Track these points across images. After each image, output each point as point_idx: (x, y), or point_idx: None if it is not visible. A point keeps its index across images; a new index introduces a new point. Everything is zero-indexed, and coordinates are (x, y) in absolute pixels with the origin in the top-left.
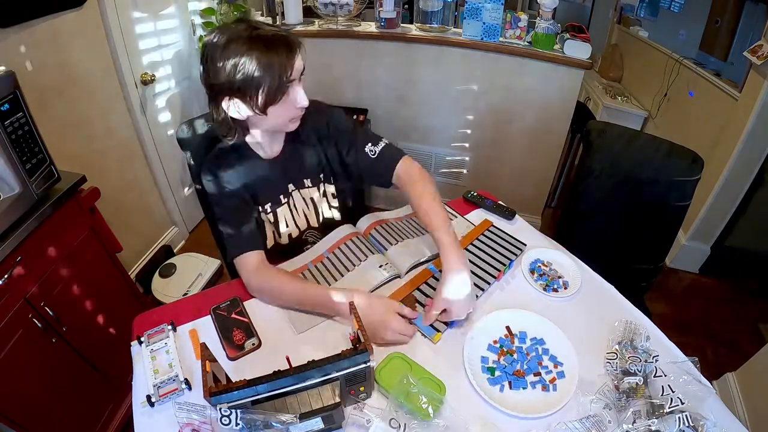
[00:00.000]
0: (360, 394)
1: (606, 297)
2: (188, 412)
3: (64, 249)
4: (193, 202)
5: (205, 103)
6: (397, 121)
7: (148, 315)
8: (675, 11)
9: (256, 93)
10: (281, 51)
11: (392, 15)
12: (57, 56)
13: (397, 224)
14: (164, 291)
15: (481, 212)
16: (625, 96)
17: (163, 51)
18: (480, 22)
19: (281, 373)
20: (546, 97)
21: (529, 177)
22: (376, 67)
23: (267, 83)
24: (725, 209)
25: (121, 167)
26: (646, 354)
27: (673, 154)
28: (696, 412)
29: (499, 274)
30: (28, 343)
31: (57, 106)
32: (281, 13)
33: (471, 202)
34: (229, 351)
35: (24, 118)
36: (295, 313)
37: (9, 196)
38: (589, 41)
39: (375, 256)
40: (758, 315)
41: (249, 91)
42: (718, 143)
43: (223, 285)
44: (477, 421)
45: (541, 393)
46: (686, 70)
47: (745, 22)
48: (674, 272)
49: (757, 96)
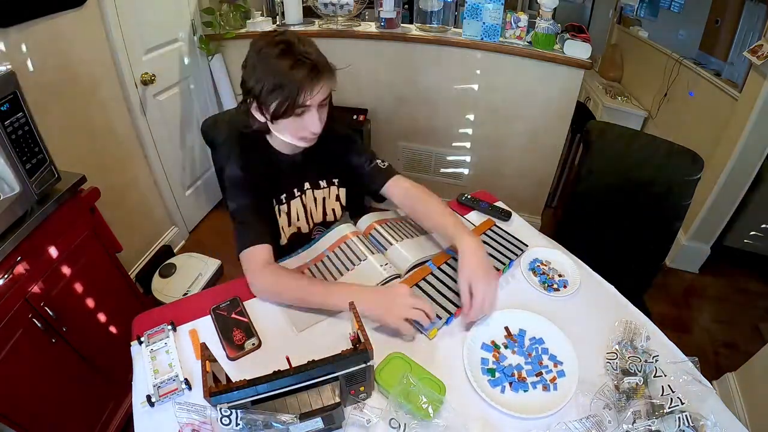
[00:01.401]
0: (360, 394)
1: (606, 297)
2: (188, 412)
3: (64, 249)
4: (193, 202)
5: (204, 103)
6: (397, 121)
7: (148, 315)
8: (675, 11)
9: (269, 104)
10: (303, 73)
11: (392, 15)
12: (57, 56)
13: (397, 224)
14: (164, 291)
15: (477, 214)
16: (625, 96)
17: (163, 51)
18: (480, 22)
19: (281, 373)
20: (546, 97)
21: (529, 177)
22: (376, 67)
23: (278, 99)
24: (725, 209)
25: (121, 167)
26: (646, 354)
27: (673, 154)
28: (696, 412)
29: (499, 273)
30: (28, 343)
31: (57, 106)
32: (281, 13)
33: (465, 206)
34: (229, 351)
35: (24, 118)
36: (295, 311)
37: (9, 196)
38: (589, 41)
39: (375, 256)
40: (758, 315)
41: (263, 100)
42: (718, 143)
43: (223, 285)
44: (477, 422)
45: (542, 393)
46: (686, 70)
47: (745, 22)
48: (674, 272)
49: (757, 96)
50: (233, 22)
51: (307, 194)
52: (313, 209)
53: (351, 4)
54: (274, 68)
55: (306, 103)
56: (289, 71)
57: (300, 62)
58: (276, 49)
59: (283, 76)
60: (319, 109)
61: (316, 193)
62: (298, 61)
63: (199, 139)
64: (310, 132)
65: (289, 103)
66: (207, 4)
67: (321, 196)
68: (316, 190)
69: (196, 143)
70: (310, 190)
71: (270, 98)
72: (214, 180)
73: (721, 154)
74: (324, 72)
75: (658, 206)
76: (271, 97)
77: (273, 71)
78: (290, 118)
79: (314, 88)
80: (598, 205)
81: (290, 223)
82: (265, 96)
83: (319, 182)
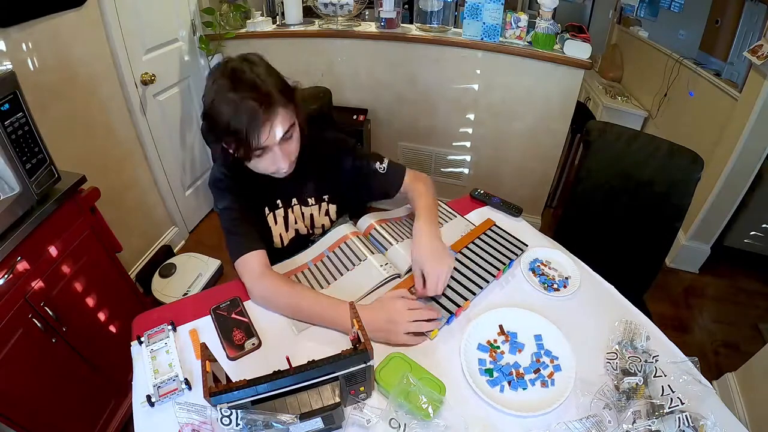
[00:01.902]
0: (360, 394)
1: (606, 297)
2: (188, 412)
3: (64, 249)
4: (193, 202)
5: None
6: (397, 121)
7: (148, 315)
8: (675, 11)
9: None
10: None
11: (392, 15)
12: (57, 56)
13: (398, 224)
14: (164, 291)
15: (486, 210)
16: (625, 96)
17: (163, 51)
18: (480, 22)
19: (281, 373)
20: (546, 97)
21: (529, 177)
22: (376, 67)
23: (232, 145)
24: (725, 209)
25: (121, 167)
26: (646, 354)
27: (673, 154)
28: (696, 412)
29: (498, 273)
30: (28, 343)
31: (57, 106)
32: (281, 13)
33: (478, 200)
34: (229, 351)
35: (24, 118)
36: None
37: (9, 196)
38: (589, 41)
39: (375, 256)
40: (758, 315)
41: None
42: (718, 143)
43: (223, 285)
44: (477, 421)
45: (541, 390)
46: (686, 70)
47: (745, 22)
48: (674, 272)
49: (757, 96)
50: (233, 22)
51: (294, 210)
52: (299, 222)
53: (351, 4)
54: (224, 107)
55: (261, 146)
56: (234, 115)
57: (243, 102)
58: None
59: (232, 119)
60: (283, 145)
61: (304, 209)
62: (243, 99)
63: (199, 139)
64: (278, 169)
65: (248, 147)
66: (207, 4)
67: (308, 212)
68: (304, 207)
69: (196, 143)
70: (298, 206)
71: (227, 142)
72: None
73: (721, 154)
74: (273, 108)
75: (658, 206)
76: (228, 141)
77: (223, 110)
78: (253, 159)
79: (263, 131)
80: (598, 205)
81: (287, 228)
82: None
83: (308, 199)
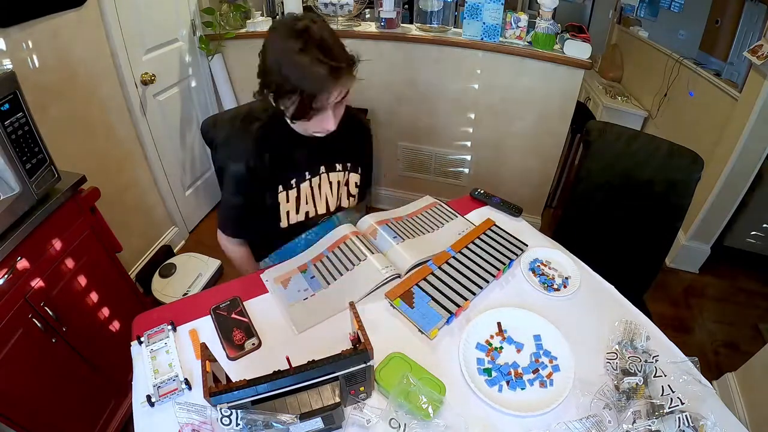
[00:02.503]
0: (360, 394)
1: (606, 297)
2: (188, 412)
3: (65, 249)
4: (193, 202)
5: (204, 103)
6: (397, 120)
7: (148, 315)
8: (675, 11)
9: (285, 104)
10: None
11: (392, 15)
12: (57, 56)
13: (398, 224)
14: (164, 291)
15: (486, 210)
16: (625, 96)
17: (163, 51)
18: (480, 22)
19: (281, 373)
20: (546, 97)
21: (529, 177)
22: (376, 67)
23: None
24: (725, 209)
25: (121, 167)
26: (646, 354)
27: (673, 154)
28: (696, 412)
29: (498, 273)
30: (28, 343)
31: (57, 106)
32: (281, 13)
33: (478, 200)
34: (229, 351)
35: (24, 118)
36: (296, 312)
37: (9, 196)
38: (589, 41)
39: (375, 256)
40: (758, 315)
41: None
42: (718, 143)
43: (223, 285)
44: (477, 421)
45: (540, 390)
46: (686, 70)
47: (745, 22)
48: (674, 272)
49: (757, 96)
50: (233, 22)
51: (322, 177)
52: (328, 193)
53: (351, 4)
54: (292, 69)
55: (322, 106)
56: (308, 73)
57: (319, 63)
58: (296, 43)
59: (299, 80)
60: (336, 108)
61: (331, 176)
62: (318, 61)
63: (199, 139)
64: (324, 129)
65: (305, 107)
66: (207, 4)
67: (336, 179)
68: (331, 173)
69: (196, 143)
70: (325, 173)
71: (286, 99)
72: (214, 180)
73: (721, 154)
74: (344, 73)
75: (658, 206)
76: (287, 98)
77: (290, 71)
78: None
79: (332, 92)
80: (598, 205)
81: (298, 210)
82: (281, 95)
83: (336, 165)
